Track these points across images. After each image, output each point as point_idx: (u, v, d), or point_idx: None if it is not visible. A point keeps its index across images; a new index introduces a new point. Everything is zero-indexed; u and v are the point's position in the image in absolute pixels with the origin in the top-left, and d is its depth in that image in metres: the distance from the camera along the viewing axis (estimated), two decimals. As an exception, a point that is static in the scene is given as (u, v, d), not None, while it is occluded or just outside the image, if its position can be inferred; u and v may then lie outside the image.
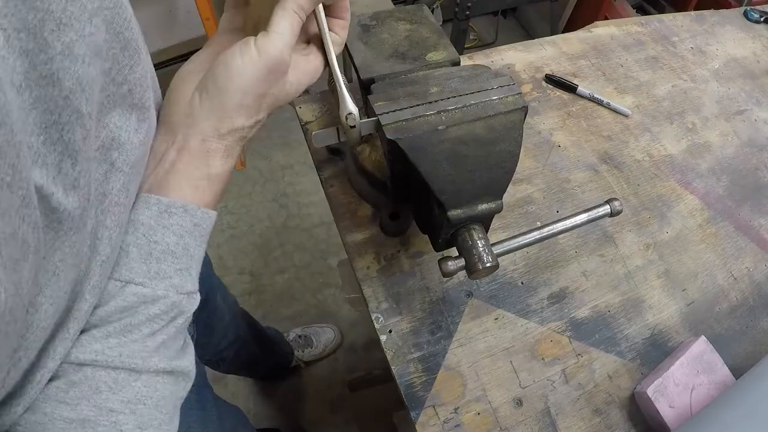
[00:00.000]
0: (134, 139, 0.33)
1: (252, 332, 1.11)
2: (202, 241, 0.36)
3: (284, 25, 0.36)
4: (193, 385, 0.64)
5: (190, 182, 0.35)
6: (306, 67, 0.40)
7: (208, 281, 0.83)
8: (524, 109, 0.47)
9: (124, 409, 0.31)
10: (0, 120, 0.20)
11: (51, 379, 0.30)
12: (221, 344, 0.94)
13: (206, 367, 0.95)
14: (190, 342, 0.38)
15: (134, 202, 0.34)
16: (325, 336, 1.46)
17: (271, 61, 0.36)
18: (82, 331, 0.31)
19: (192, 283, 0.36)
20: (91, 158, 0.29)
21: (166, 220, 0.34)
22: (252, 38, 0.36)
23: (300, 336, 1.43)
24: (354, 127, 0.44)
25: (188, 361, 0.36)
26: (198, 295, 0.37)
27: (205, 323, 0.76)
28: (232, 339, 0.98)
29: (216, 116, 0.36)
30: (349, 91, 0.44)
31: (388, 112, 0.45)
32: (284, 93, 0.39)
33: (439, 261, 0.45)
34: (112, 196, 0.32)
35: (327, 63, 0.43)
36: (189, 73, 0.39)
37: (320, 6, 0.40)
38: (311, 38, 0.43)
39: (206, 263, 0.83)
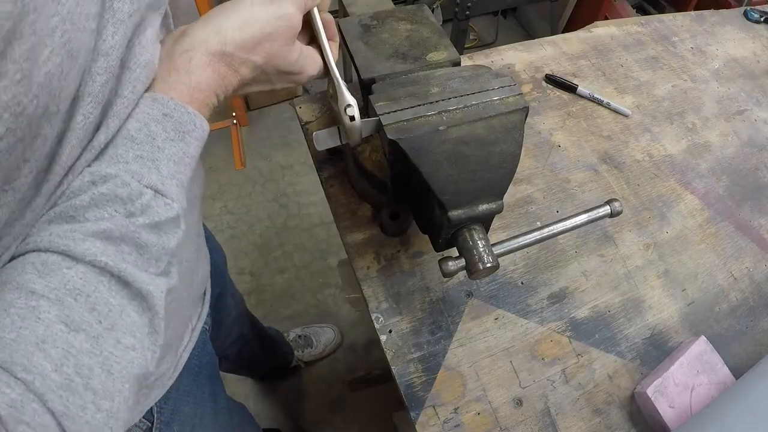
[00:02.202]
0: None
1: (254, 331, 1.11)
2: (175, 135, 0.33)
3: None
4: (207, 377, 0.64)
5: (167, 84, 0.34)
6: (310, 54, 0.42)
7: (222, 277, 0.83)
8: (525, 110, 0.47)
9: (48, 294, 0.26)
10: None
11: None
12: (226, 341, 0.94)
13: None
14: (172, 275, 0.33)
15: None
16: (325, 336, 1.46)
17: (283, 11, 0.37)
18: None
19: (159, 179, 0.31)
20: (127, 36, 0.31)
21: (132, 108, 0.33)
22: None
23: (300, 336, 1.43)
24: (353, 118, 0.44)
25: (151, 282, 0.30)
26: (176, 204, 0.32)
27: (215, 318, 0.76)
28: (236, 336, 0.98)
29: (209, 30, 0.36)
30: (346, 84, 0.45)
31: (389, 113, 0.45)
32: (286, 54, 0.39)
33: (440, 261, 0.45)
34: (123, 91, 0.32)
35: (327, 68, 0.44)
36: (188, 25, 0.39)
37: (315, 9, 0.43)
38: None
39: (221, 260, 0.83)
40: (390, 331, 0.57)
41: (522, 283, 0.63)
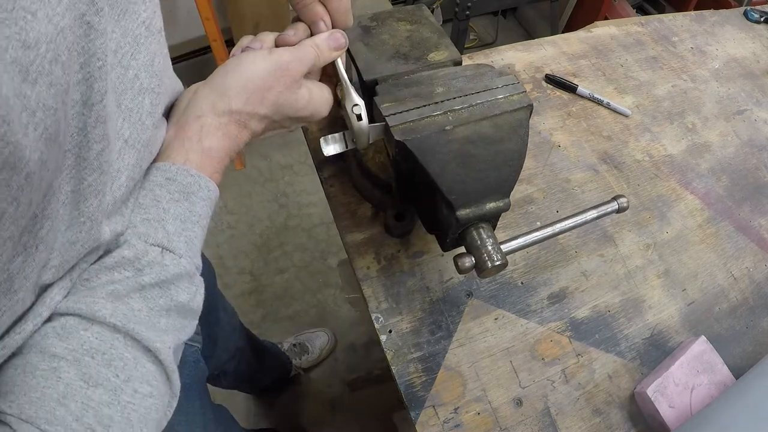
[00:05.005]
0: (147, 120, 0.34)
1: (250, 345, 1.10)
2: (180, 196, 0.35)
3: (301, 48, 0.41)
4: (197, 392, 0.64)
5: (180, 154, 0.36)
6: (319, 93, 0.43)
7: (212, 293, 0.83)
8: (530, 107, 0.47)
9: (67, 356, 0.28)
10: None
11: None
12: (223, 357, 0.94)
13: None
14: (180, 335, 0.34)
15: None
16: (319, 340, 1.46)
17: (281, 61, 0.39)
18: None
19: (165, 236, 0.33)
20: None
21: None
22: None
23: (295, 345, 1.42)
24: (360, 117, 0.44)
25: (158, 339, 0.31)
26: (185, 260, 0.34)
27: (208, 334, 0.76)
28: (233, 351, 0.98)
29: (215, 95, 0.38)
30: (354, 85, 0.45)
31: (395, 114, 0.45)
32: (293, 101, 0.41)
33: (455, 258, 0.45)
34: (128, 171, 0.33)
35: (338, 101, 0.45)
36: (198, 84, 0.41)
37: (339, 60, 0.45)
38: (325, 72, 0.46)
39: (210, 275, 0.83)
40: (390, 331, 0.57)
41: (522, 283, 0.63)
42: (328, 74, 0.47)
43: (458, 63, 0.54)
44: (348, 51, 0.54)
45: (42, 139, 0.24)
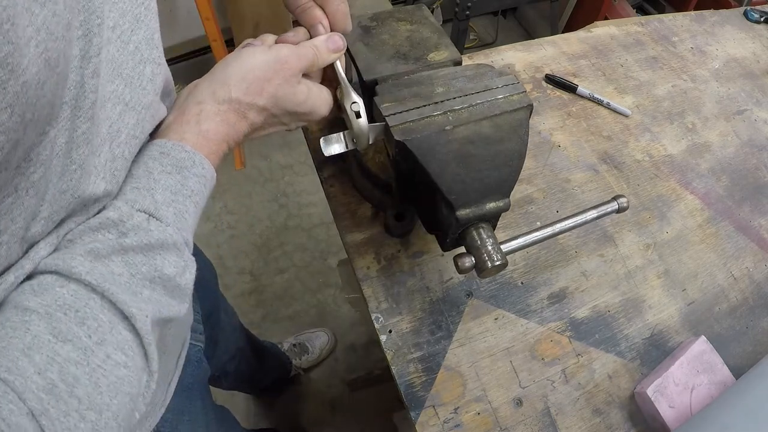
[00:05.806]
0: (147, 86, 0.36)
1: (251, 345, 1.10)
2: (172, 169, 0.35)
3: (300, 46, 0.42)
4: (199, 392, 0.64)
5: (177, 134, 0.37)
6: (318, 91, 0.44)
7: (213, 295, 0.83)
8: (530, 107, 0.47)
9: (39, 309, 0.28)
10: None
11: None
12: (223, 358, 0.94)
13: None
14: (164, 308, 0.34)
15: None
16: (319, 341, 1.46)
17: (280, 54, 0.41)
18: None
19: (152, 204, 0.33)
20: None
21: None
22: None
23: (295, 345, 1.42)
24: (359, 115, 0.45)
25: (134, 304, 0.30)
26: (171, 229, 0.34)
27: (209, 336, 0.76)
28: (234, 352, 0.98)
29: (216, 84, 0.39)
30: (354, 85, 0.46)
31: (395, 114, 0.45)
32: (291, 95, 0.41)
33: (455, 258, 0.45)
34: (128, 129, 0.34)
35: (338, 104, 0.46)
36: (199, 80, 0.42)
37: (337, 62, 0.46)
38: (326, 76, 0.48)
39: (212, 276, 0.83)
40: (390, 331, 0.57)
41: (522, 283, 0.63)
42: (328, 78, 0.47)
43: (458, 63, 0.54)
44: (348, 51, 0.55)
45: (42, 58, 0.24)
